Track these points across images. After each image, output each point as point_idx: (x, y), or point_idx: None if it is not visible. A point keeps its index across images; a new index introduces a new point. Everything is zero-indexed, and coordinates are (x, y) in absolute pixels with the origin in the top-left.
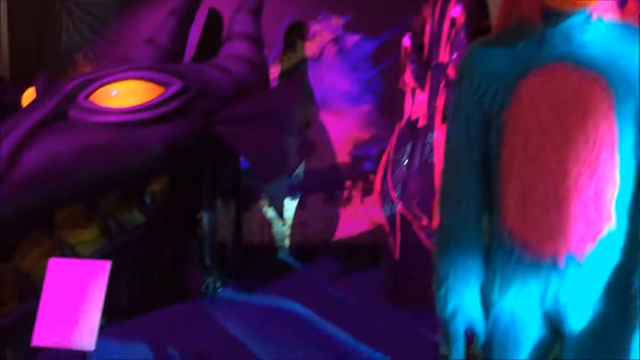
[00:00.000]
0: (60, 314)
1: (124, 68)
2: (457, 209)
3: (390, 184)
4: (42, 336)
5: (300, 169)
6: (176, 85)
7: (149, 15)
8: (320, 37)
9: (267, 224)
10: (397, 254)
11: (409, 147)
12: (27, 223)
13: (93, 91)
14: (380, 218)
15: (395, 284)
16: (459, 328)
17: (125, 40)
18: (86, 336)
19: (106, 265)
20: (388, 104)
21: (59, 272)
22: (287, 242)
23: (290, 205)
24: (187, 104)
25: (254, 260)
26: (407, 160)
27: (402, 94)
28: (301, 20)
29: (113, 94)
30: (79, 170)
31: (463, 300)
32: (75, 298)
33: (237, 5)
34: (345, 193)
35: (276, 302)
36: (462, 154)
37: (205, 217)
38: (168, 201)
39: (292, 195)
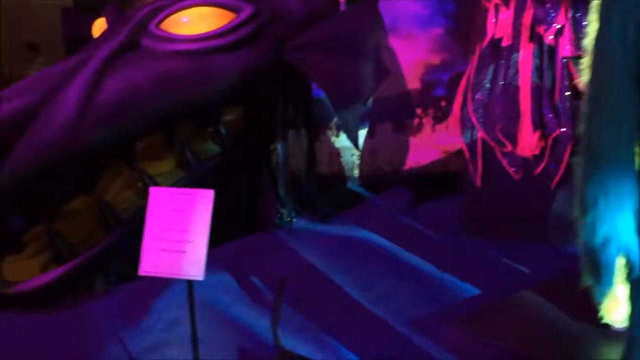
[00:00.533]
0: (166, 243)
1: None
2: (608, 126)
3: (470, 108)
4: (150, 265)
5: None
6: (247, 11)
7: None
8: None
9: (336, 153)
10: (477, 182)
11: (491, 69)
12: (108, 155)
13: (163, 19)
14: (451, 146)
15: (476, 213)
16: (611, 257)
17: None
18: (194, 265)
19: (210, 195)
20: (461, 26)
21: (161, 201)
22: (356, 172)
23: (359, 134)
24: (259, 30)
25: (325, 191)
26: (489, 83)
27: (484, 11)
28: None
29: (184, 20)
30: (156, 99)
31: (616, 227)
32: (181, 228)
33: None
34: (416, 121)
35: (352, 233)
36: (615, 63)
37: (278, 147)
38: (242, 131)
39: (361, 124)
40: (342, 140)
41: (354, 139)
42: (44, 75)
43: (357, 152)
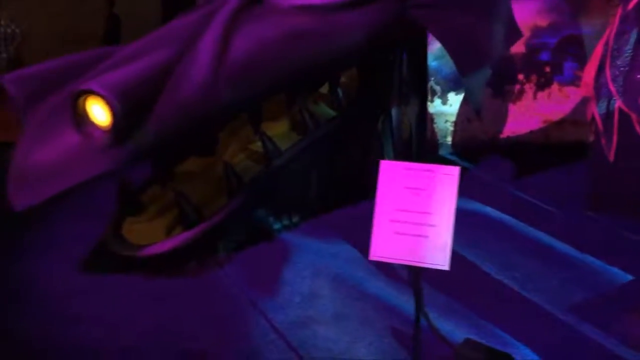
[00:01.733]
0: (401, 226)
1: None
2: None
3: (609, 76)
4: (383, 249)
5: None
6: None
7: None
8: None
9: (429, 119)
10: (611, 156)
11: (634, 35)
12: (237, 115)
13: None
14: (553, 115)
15: (607, 189)
16: None
17: None
18: (439, 253)
19: (455, 172)
20: None
21: (394, 177)
22: (449, 140)
23: (454, 99)
24: None
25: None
26: (631, 49)
27: None
28: None
29: None
30: (284, 58)
31: None
32: (420, 209)
33: None
34: (517, 87)
35: (464, 205)
36: None
37: (393, 112)
38: (359, 95)
39: (457, 89)
40: (436, 106)
41: (477, 105)
42: (174, 29)
43: (451, 119)
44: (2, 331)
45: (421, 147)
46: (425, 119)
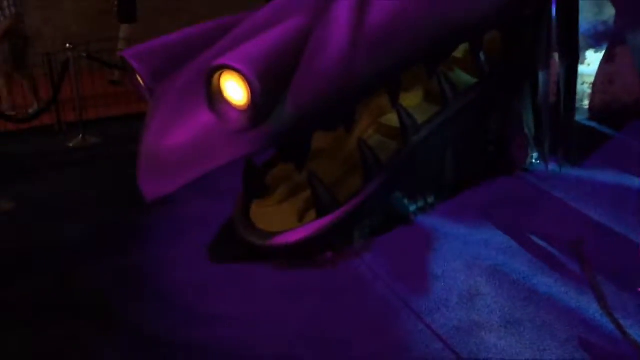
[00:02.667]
0: None
1: None
2: None
3: None
4: None
5: (608, 12)
6: None
7: None
8: None
9: None
10: None
11: None
12: (376, 90)
13: None
14: None
15: None
16: None
17: None
18: None
19: None
20: None
21: None
22: (586, 103)
23: (593, 58)
24: None
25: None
26: None
27: None
28: None
29: None
30: (425, 20)
31: None
32: None
33: None
34: None
35: (625, 182)
36: None
37: (540, 77)
38: (503, 57)
39: (597, 46)
40: None
41: None
42: None
43: (589, 80)
44: (128, 332)
45: (571, 113)
46: (575, 81)
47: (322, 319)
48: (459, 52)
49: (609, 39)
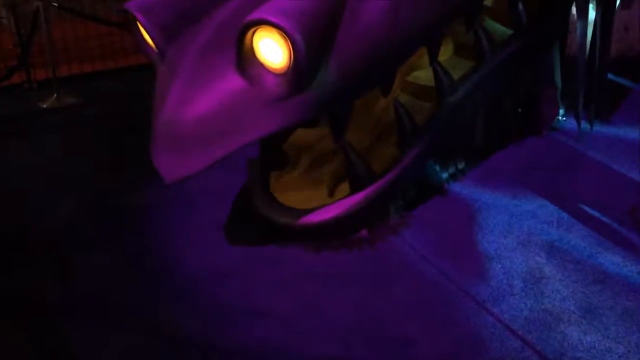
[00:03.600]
0: None
1: None
2: None
3: None
4: None
5: None
6: None
7: None
8: None
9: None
10: None
11: None
12: (422, 42)
13: None
14: None
15: None
16: None
17: None
18: None
19: None
20: None
21: None
22: None
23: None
24: None
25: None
26: None
27: None
28: None
29: None
30: None
31: None
32: None
33: None
34: None
35: None
36: None
37: (578, 27)
38: (540, 7)
39: None
40: None
41: None
42: None
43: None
44: (144, 331)
45: (605, 65)
46: (611, 30)
47: (375, 313)
48: (489, 0)
49: None
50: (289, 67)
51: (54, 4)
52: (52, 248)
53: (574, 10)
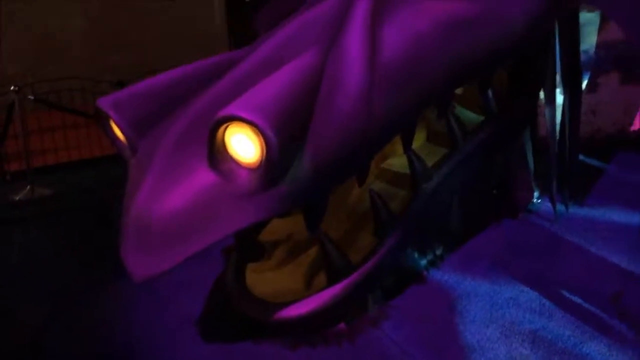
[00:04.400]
0: None
1: None
2: None
3: None
4: None
5: (589, 41)
6: None
7: None
8: None
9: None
10: None
11: None
12: (397, 131)
13: None
14: None
15: None
16: None
17: None
18: None
19: None
20: None
21: None
22: None
23: None
24: None
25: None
26: None
27: None
28: None
29: None
30: (443, 55)
31: None
32: None
33: None
34: None
35: (627, 220)
36: None
37: (547, 112)
38: (510, 94)
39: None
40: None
41: None
42: (309, 23)
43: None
44: None
45: (576, 148)
46: (579, 114)
47: None
48: (459, 88)
49: (591, 69)
50: (261, 162)
51: (30, 97)
52: (20, 338)
53: (542, 95)
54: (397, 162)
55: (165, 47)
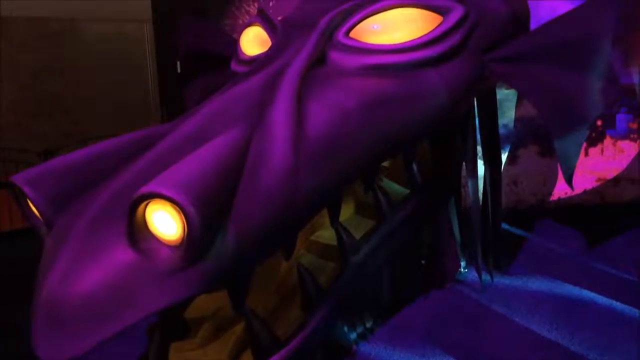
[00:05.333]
0: None
1: None
2: None
3: None
4: None
5: (508, 115)
6: (457, 12)
7: None
8: None
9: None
10: None
11: None
12: (322, 206)
13: (355, 25)
14: (607, 173)
15: None
16: None
17: None
18: None
19: None
20: (625, 30)
21: None
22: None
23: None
24: (467, 36)
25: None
26: None
27: None
28: None
29: (374, 28)
30: (367, 131)
31: None
32: None
33: None
34: None
35: (558, 290)
36: None
37: (469, 185)
38: (435, 167)
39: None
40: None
41: (570, 171)
42: (236, 97)
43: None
44: None
45: (499, 218)
46: (501, 185)
47: None
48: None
49: (511, 142)
50: (183, 240)
51: None
52: None
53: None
54: (326, 234)
55: (99, 115)
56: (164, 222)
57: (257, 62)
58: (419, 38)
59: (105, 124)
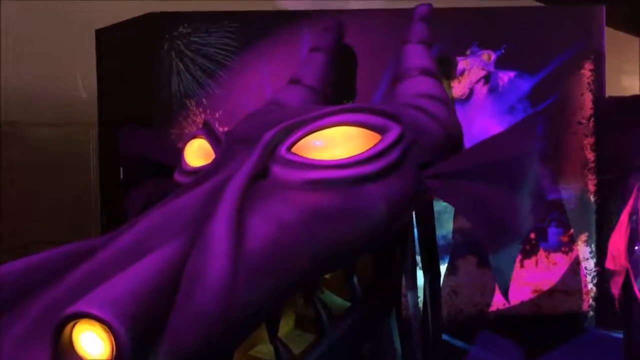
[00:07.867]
0: None
1: (333, 110)
2: None
3: None
4: None
5: (447, 227)
6: (395, 131)
7: (276, 56)
8: (469, 74)
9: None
10: None
11: None
12: (259, 322)
13: (297, 141)
14: (542, 284)
15: None
16: None
17: (247, 84)
18: None
19: None
20: (553, 149)
21: None
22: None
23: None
24: (404, 153)
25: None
26: None
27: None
28: (447, 56)
29: (317, 144)
30: (308, 244)
31: None
32: None
33: (407, 37)
34: None
35: None
36: None
37: (409, 297)
38: (375, 279)
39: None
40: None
41: (505, 286)
42: (174, 211)
43: None
44: None
45: (439, 328)
46: (440, 297)
47: None
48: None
49: (450, 252)
50: None
51: None
52: None
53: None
54: (265, 349)
55: (36, 219)
56: (92, 342)
57: (200, 174)
58: (359, 154)
59: (43, 228)
